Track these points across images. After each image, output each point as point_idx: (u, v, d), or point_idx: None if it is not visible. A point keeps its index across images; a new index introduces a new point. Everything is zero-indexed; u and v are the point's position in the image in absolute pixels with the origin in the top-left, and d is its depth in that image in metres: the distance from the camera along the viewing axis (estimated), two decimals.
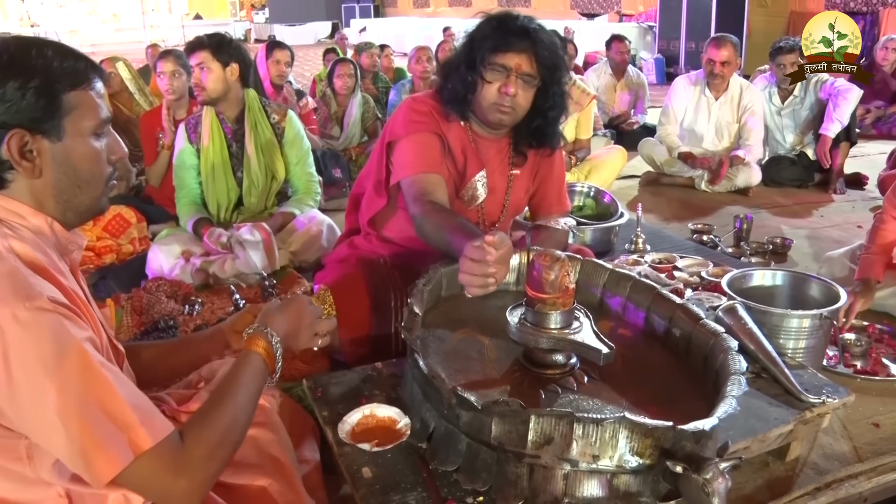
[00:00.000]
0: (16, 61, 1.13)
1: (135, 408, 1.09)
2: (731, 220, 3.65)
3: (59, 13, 25.31)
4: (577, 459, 1.28)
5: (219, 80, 3.05)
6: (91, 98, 1.20)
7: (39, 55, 1.15)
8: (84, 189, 1.22)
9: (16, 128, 1.12)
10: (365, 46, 6.52)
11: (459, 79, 2.00)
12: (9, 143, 1.12)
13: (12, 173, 1.15)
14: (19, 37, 1.22)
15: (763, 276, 2.27)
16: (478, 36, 1.97)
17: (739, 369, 1.45)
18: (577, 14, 14.82)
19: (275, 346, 1.36)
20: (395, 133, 2.08)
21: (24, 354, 1.03)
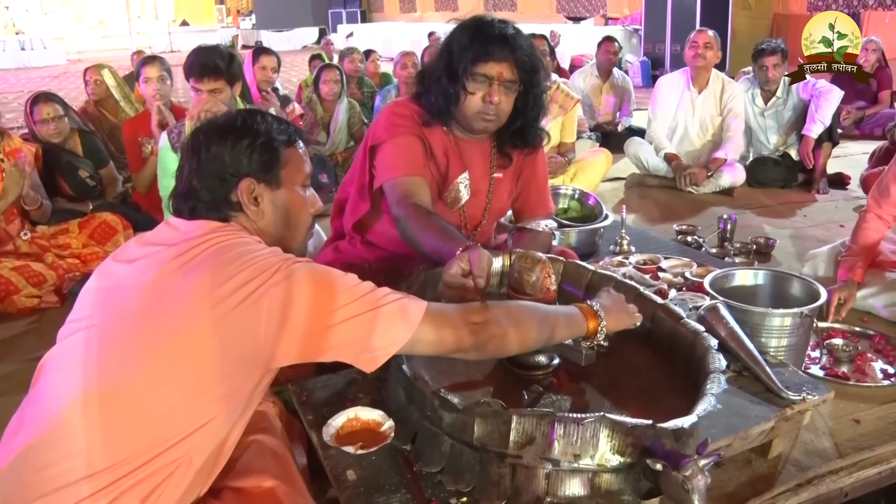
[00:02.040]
0: (246, 124, 1.40)
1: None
2: (715, 220, 3.68)
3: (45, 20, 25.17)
4: (558, 459, 1.30)
5: (228, 101, 3.05)
6: (299, 154, 1.47)
7: (263, 120, 1.43)
8: (293, 232, 1.47)
9: (246, 177, 1.37)
10: (348, 52, 6.54)
11: (440, 91, 2.00)
12: (241, 189, 1.37)
13: (236, 215, 1.39)
14: (249, 108, 1.47)
15: (745, 276, 2.29)
16: (456, 47, 1.97)
17: (719, 367, 1.47)
18: (563, 18, 14.87)
19: (601, 324, 1.53)
20: (377, 137, 2.09)
21: (306, 279, 1.26)
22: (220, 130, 1.40)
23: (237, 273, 1.23)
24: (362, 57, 6.44)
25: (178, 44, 22.32)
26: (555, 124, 4.42)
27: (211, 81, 2.96)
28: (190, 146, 1.41)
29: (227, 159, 1.37)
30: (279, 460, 1.49)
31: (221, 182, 1.37)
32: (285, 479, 1.44)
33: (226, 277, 1.23)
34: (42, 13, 25.63)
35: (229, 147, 1.37)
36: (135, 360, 1.23)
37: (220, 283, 1.22)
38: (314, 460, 1.67)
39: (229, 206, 1.38)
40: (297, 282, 1.24)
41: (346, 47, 7.56)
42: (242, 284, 1.22)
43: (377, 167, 2.08)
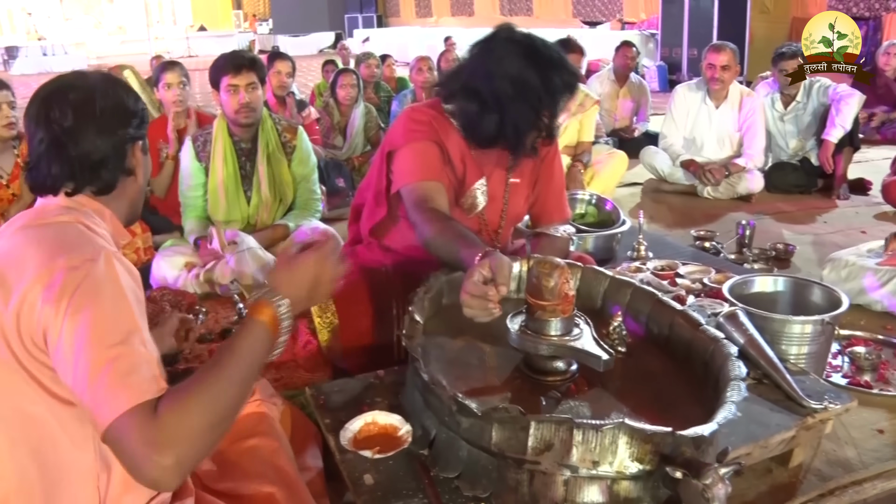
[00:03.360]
0: (120, 84, 1.36)
1: (156, 360, 1.12)
2: (733, 226, 3.65)
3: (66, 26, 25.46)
4: (577, 465, 1.29)
5: (261, 100, 3.08)
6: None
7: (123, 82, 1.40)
8: (143, 194, 1.44)
9: (137, 140, 1.35)
10: (364, 57, 6.56)
11: (510, 122, 1.96)
12: (133, 153, 1.35)
13: (123, 180, 1.34)
14: (90, 70, 1.46)
15: (764, 283, 2.27)
16: (532, 87, 1.92)
17: (739, 375, 1.45)
18: (580, 22, 14.85)
19: (281, 315, 1.25)
20: (394, 142, 2.09)
21: (83, 288, 1.10)
22: (104, 89, 1.33)
23: None
24: (378, 62, 6.45)
25: (195, 49, 22.49)
26: (573, 122, 4.42)
27: (249, 73, 3.00)
28: (62, 104, 1.29)
29: (122, 119, 1.33)
30: (278, 465, 1.48)
31: (119, 143, 1.32)
32: (284, 483, 1.44)
33: None
34: (63, 19, 25.92)
35: (120, 106, 1.33)
36: None
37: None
38: (330, 463, 1.67)
39: (123, 171, 1.35)
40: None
41: (362, 52, 7.59)
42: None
43: (394, 172, 2.08)
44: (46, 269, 1.11)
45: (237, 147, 3.18)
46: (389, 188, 2.13)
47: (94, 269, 1.12)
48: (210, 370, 1.14)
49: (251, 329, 1.22)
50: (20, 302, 1.10)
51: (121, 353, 1.07)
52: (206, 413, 1.08)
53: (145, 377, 1.07)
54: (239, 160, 3.18)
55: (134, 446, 1.02)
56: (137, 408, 1.03)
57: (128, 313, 1.11)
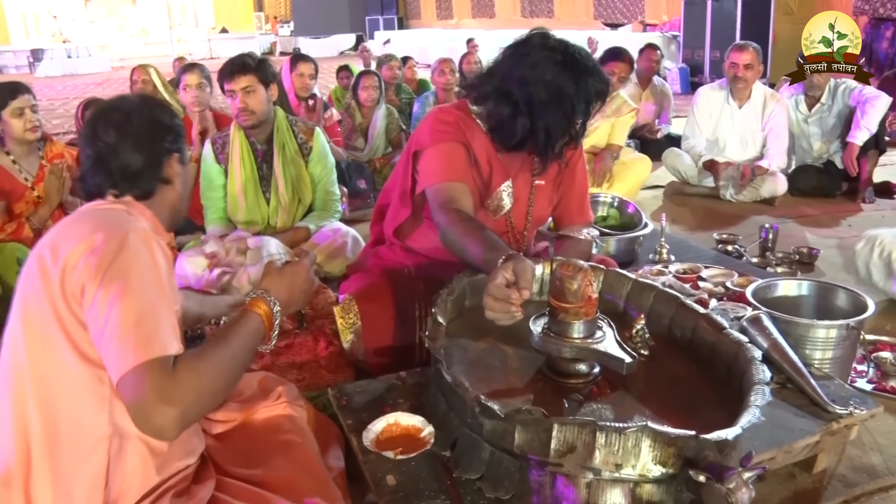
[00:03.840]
0: (163, 102, 1.61)
1: (172, 322, 1.25)
2: (756, 229, 3.62)
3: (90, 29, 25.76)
4: (599, 468, 1.29)
5: (263, 103, 3.06)
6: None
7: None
8: (185, 202, 1.60)
9: (174, 152, 1.51)
10: (386, 59, 6.57)
11: (544, 128, 1.96)
12: (170, 163, 1.50)
13: (162, 187, 1.49)
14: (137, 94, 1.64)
15: (788, 286, 2.25)
16: (567, 93, 1.93)
17: (763, 379, 1.45)
18: (601, 24, 14.80)
19: (275, 312, 1.42)
20: (420, 142, 2.10)
21: (120, 256, 1.24)
22: (146, 107, 1.52)
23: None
24: (400, 63, 6.47)
25: (217, 51, 22.66)
26: (604, 124, 4.40)
27: (241, 78, 3.00)
28: (113, 118, 1.47)
29: (163, 132, 1.50)
30: (303, 456, 1.52)
31: (157, 155, 1.49)
32: (308, 471, 1.48)
33: None
34: (88, 22, 26.22)
35: (161, 120, 1.50)
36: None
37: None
38: (351, 464, 1.68)
39: (160, 179, 1.50)
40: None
41: (384, 54, 7.61)
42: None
43: (420, 172, 2.09)
44: (91, 236, 1.26)
45: (254, 149, 3.20)
46: (415, 188, 2.13)
47: (132, 240, 1.27)
48: (219, 344, 1.29)
49: (250, 318, 1.38)
50: (66, 261, 1.25)
51: (148, 313, 1.21)
52: (214, 378, 1.23)
53: (167, 337, 1.21)
54: (256, 161, 3.20)
55: (147, 394, 1.14)
56: (156, 360, 1.17)
57: (158, 281, 1.26)
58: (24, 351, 1.29)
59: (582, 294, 1.52)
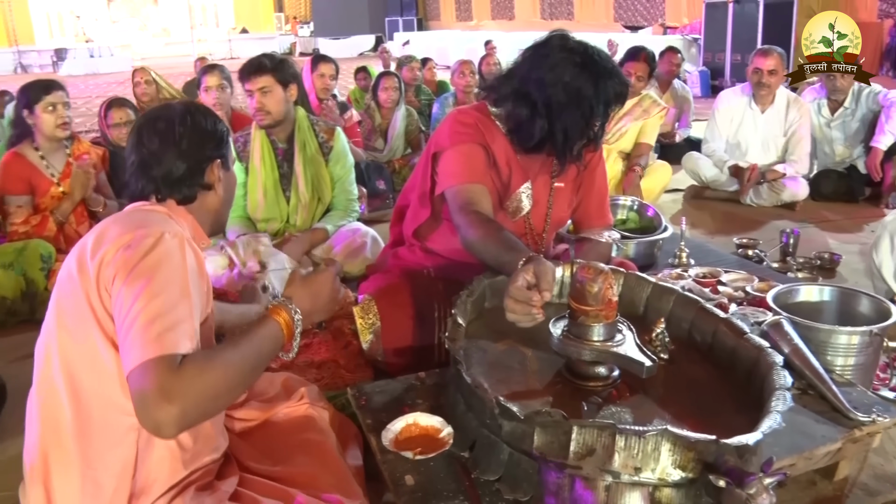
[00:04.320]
0: (207, 108, 1.60)
1: (193, 323, 1.26)
2: (777, 234, 3.60)
3: (112, 29, 26.02)
4: (618, 471, 1.28)
5: (281, 103, 3.08)
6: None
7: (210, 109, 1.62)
8: (228, 207, 1.66)
9: (217, 158, 1.54)
10: (406, 60, 6.59)
11: (564, 129, 1.97)
12: (212, 169, 1.54)
13: (203, 192, 1.54)
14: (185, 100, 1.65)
15: (810, 292, 2.23)
16: (586, 93, 1.94)
17: (785, 384, 1.44)
18: (621, 27, 14.75)
19: (296, 321, 1.40)
20: (440, 144, 2.11)
21: (153, 253, 1.28)
22: (191, 113, 1.54)
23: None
24: (420, 65, 6.48)
25: (237, 51, 22.84)
26: (634, 126, 4.38)
27: (257, 78, 3.02)
28: (160, 124, 1.51)
29: (206, 138, 1.54)
30: (324, 453, 1.55)
31: (199, 162, 1.52)
32: (329, 468, 1.51)
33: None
34: (110, 22, 26.49)
35: (203, 127, 1.54)
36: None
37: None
38: (369, 463, 1.69)
39: (201, 185, 1.55)
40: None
41: (404, 55, 7.63)
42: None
43: (439, 174, 2.09)
44: (130, 233, 1.30)
45: (274, 147, 3.22)
46: (433, 190, 2.14)
47: (167, 239, 1.30)
48: (229, 348, 1.28)
49: (269, 326, 1.36)
50: (103, 256, 1.29)
51: (166, 311, 1.22)
52: (218, 381, 1.21)
53: (180, 336, 1.21)
54: (277, 160, 3.22)
55: (151, 389, 1.14)
56: (165, 357, 1.17)
57: (183, 283, 1.27)
58: (56, 343, 1.32)
59: (602, 297, 1.52)
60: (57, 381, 1.32)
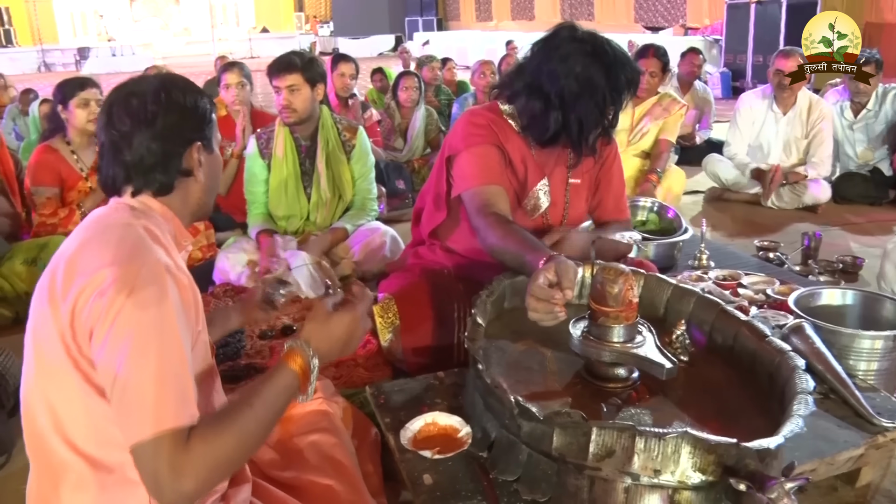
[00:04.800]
0: (187, 84, 1.35)
1: (190, 385, 1.14)
2: (798, 237, 3.56)
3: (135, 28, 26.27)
4: (638, 473, 1.28)
5: (307, 102, 3.10)
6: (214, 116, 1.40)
7: (190, 80, 1.38)
8: (213, 193, 1.43)
9: (196, 141, 1.33)
10: (426, 60, 6.60)
11: (579, 120, 1.98)
12: (191, 153, 1.33)
13: (181, 180, 1.33)
14: (164, 73, 1.44)
15: (832, 295, 2.21)
16: (599, 83, 1.95)
17: (806, 388, 1.42)
18: (641, 27, 14.68)
19: (312, 366, 1.27)
20: (454, 147, 2.11)
21: (130, 300, 1.11)
22: (165, 89, 1.32)
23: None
24: (440, 65, 6.49)
25: (257, 50, 23.00)
26: (654, 126, 4.35)
27: (286, 76, 3.05)
28: (130, 104, 1.31)
29: (181, 119, 1.32)
30: (337, 459, 1.52)
31: (174, 145, 1.32)
32: (343, 477, 1.47)
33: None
34: (132, 21, 26.76)
35: (179, 107, 1.32)
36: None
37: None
38: (387, 462, 1.69)
39: (179, 171, 1.33)
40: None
41: (424, 55, 7.64)
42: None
43: (455, 177, 2.09)
44: (101, 272, 1.14)
45: (297, 144, 3.24)
46: (449, 192, 2.14)
47: (141, 285, 1.13)
48: (240, 408, 1.18)
49: (283, 375, 1.25)
50: (75, 301, 1.14)
51: (160, 377, 1.10)
52: (231, 449, 1.13)
53: (179, 403, 1.11)
54: (299, 157, 3.24)
55: (160, 469, 1.06)
56: (169, 433, 1.07)
57: (171, 334, 1.13)
58: (40, 393, 1.22)
59: (623, 298, 1.51)
60: (50, 439, 1.21)
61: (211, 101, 1.38)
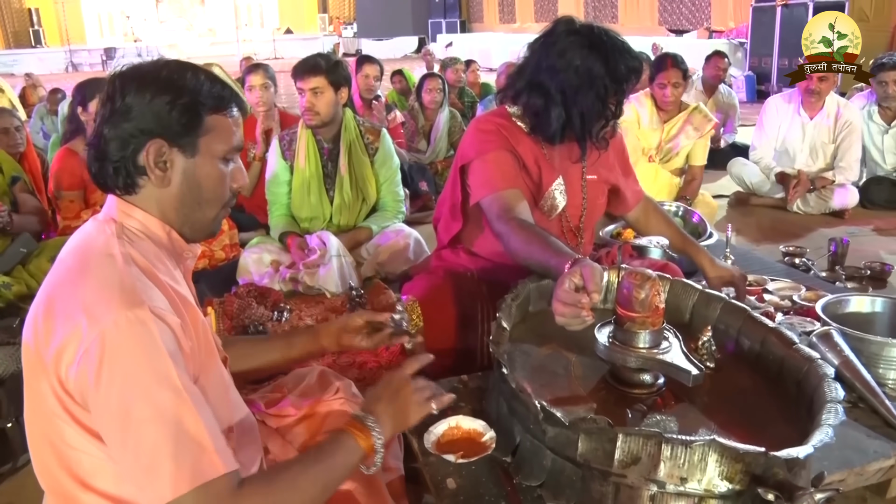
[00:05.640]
0: (172, 79, 1.22)
1: (211, 434, 1.08)
2: (824, 242, 3.53)
3: (160, 28, 26.55)
4: (664, 481, 1.27)
5: (331, 105, 3.11)
6: (228, 124, 1.28)
7: (193, 77, 1.24)
8: (203, 207, 1.29)
9: (157, 137, 1.20)
10: (450, 62, 6.61)
11: (583, 114, 1.99)
12: (148, 150, 1.20)
13: (144, 179, 1.23)
14: (178, 60, 1.31)
15: (861, 303, 2.18)
16: (597, 74, 1.94)
17: (836, 397, 1.40)
18: (665, 30, 14.59)
19: (377, 448, 1.29)
20: (466, 156, 2.11)
21: (116, 360, 1.05)
22: (140, 79, 1.21)
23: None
24: (464, 67, 6.50)
25: (281, 51, 23.15)
26: (687, 145, 4.26)
27: (310, 78, 3.06)
28: (106, 91, 1.22)
29: (142, 113, 1.19)
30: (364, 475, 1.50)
31: (130, 138, 1.19)
32: (363, 481, 1.46)
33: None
34: (158, 22, 27.04)
35: (147, 100, 1.19)
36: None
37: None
38: (409, 465, 1.69)
39: (136, 168, 1.21)
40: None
41: (447, 57, 7.65)
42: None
43: (471, 186, 2.09)
44: (79, 322, 1.08)
45: (320, 147, 3.25)
46: (465, 202, 2.14)
47: (118, 341, 1.06)
48: (301, 473, 1.18)
49: (351, 452, 1.26)
50: (61, 348, 1.09)
51: (169, 435, 1.05)
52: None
53: (198, 455, 1.06)
54: (322, 159, 3.25)
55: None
56: (202, 488, 1.04)
57: (168, 384, 1.06)
58: (35, 421, 1.19)
59: (650, 303, 1.50)
60: (58, 474, 1.18)
61: (216, 107, 1.26)
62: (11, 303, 3.02)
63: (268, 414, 1.64)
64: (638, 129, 4.21)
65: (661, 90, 4.11)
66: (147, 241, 1.23)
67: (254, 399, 1.66)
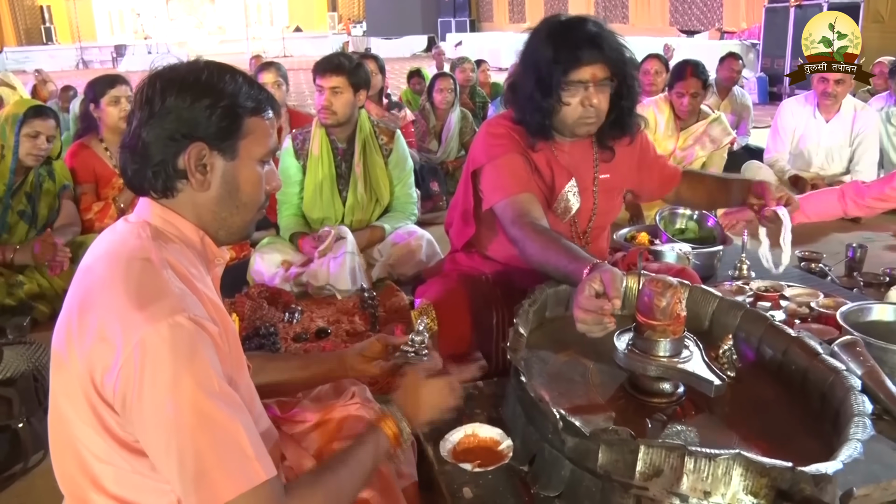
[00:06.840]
0: (212, 82, 1.21)
1: (252, 440, 1.09)
2: (841, 247, 3.47)
3: (170, 26, 26.63)
4: (686, 494, 1.24)
5: (348, 105, 3.09)
6: (265, 126, 1.27)
7: (232, 80, 1.23)
8: (241, 210, 1.28)
9: (198, 140, 1.19)
10: (460, 62, 6.59)
11: (535, 109, 1.98)
12: (189, 154, 1.19)
13: (182, 183, 1.21)
14: (216, 62, 1.29)
15: (883, 311, 2.13)
16: (542, 61, 1.94)
17: (864, 410, 1.37)
18: (677, 31, 14.53)
19: (404, 437, 1.37)
20: (477, 161, 2.08)
21: (158, 368, 1.04)
22: (180, 82, 1.20)
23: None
24: (474, 66, 6.47)
25: (290, 49, 23.20)
26: (700, 157, 4.21)
27: (331, 77, 3.04)
28: (144, 93, 1.21)
29: (183, 116, 1.18)
30: (380, 480, 1.47)
31: (171, 141, 1.18)
32: (380, 488, 1.44)
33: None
34: (168, 20, 27.12)
35: (187, 103, 1.18)
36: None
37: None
38: (423, 473, 1.66)
39: (175, 172, 1.20)
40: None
41: (457, 57, 7.63)
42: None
43: (483, 191, 2.06)
44: (122, 334, 1.06)
45: (334, 147, 3.22)
46: (478, 207, 2.12)
47: (170, 344, 1.05)
48: (338, 468, 1.23)
49: (379, 440, 1.33)
50: (97, 355, 1.08)
51: (213, 437, 1.05)
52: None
53: (241, 463, 1.07)
54: (335, 159, 3.23)
55: None
56: (249, 494, 1.05)
57: (210, 392, 1.07)
58: (61, 426, 1.18)
59: (671, 311, 1.47)
60: (80, 480, 1.17)
61: (255, 109, 1.25)
62: (23, 301, 3.01)
63: (283, 419, 1.62)
64: (654, 134, 4.17)
65: (679, 99, 4.07)
66: (181, 246, 1.23)
67: (269, 403, 1.64)
